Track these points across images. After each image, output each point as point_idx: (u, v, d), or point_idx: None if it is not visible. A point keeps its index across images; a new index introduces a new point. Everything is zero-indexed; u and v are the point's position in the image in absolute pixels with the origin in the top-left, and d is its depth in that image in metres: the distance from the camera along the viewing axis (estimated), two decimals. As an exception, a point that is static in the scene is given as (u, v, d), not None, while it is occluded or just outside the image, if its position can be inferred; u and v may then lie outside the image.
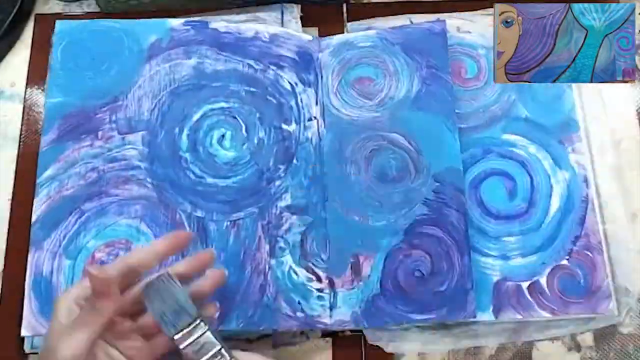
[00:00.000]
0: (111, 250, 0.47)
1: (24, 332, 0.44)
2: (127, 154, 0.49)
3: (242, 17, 0.56)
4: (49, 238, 0.47)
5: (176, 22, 0.53)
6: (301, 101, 0.52)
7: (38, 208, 0.47)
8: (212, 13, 0.56)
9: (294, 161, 0.50)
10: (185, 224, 0.48)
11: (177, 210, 0.48)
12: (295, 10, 0.56)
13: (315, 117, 0.51)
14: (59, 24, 0.53)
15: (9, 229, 0.50)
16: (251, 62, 0.52)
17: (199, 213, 0.48)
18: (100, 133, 0.49)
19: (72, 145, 0.49)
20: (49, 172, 0.48)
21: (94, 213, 0.47)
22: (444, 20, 0.55)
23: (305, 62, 0.53)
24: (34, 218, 0.47)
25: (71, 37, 0.52)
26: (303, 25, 0.56)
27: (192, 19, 0.54)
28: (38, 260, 0.46)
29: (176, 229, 0.47)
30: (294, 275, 0.47)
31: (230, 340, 0.46)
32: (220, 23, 0.53)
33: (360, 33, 0.55)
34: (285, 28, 0.54)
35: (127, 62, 0.52)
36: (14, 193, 0.51)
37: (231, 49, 0.53)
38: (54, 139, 0.49)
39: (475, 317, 0.46)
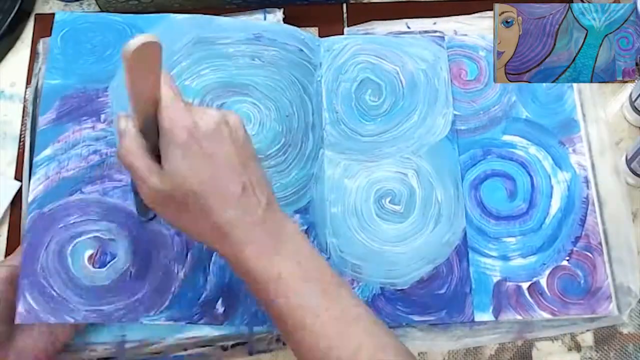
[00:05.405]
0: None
1: (17, 320, 0.41)
2: None
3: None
4: None
5: (180, 17, 0.52)
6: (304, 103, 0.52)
7: (35, 188, 0.45)
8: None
9: (297, 159, 0.50)
10: None
11: None
12: (279, 13, 0.55)
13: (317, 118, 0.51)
14: (58, 14, 0.51)
15: (9, 229, 0.50)
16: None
17: None
18: (102, 116, 0.48)
19: (73, 127, 0.47)
20: (47, 152, 0.46)
21: (96, 197, 0.45)
22: (442, 37, 0.55)
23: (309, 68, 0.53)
24: (30, 197, 0.45)
25: (72, 26, 0.50)
26: (303, 26, 0.56)
27: (195, 15, 0.52)
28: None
29: None
30: None
31: (206, 347, 0.46)
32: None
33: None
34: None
35: None
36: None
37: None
38: (53, 119, 0.47)
39: (473, 319, 0.47)
